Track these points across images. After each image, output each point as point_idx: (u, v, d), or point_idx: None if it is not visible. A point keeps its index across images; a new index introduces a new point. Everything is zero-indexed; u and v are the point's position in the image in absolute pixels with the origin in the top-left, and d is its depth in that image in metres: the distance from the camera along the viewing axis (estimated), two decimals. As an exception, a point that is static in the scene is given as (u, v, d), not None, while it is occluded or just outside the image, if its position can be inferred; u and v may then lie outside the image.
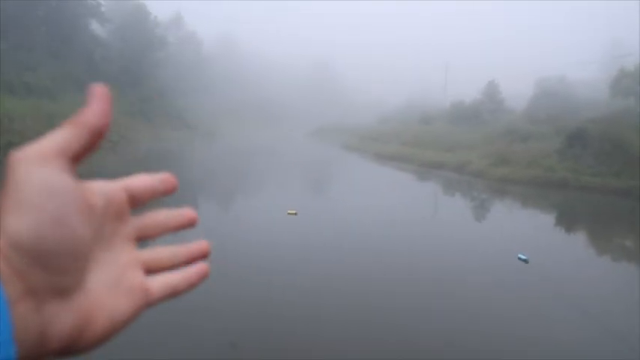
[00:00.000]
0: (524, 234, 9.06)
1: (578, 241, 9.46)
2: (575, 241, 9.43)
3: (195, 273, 0.37)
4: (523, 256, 6.84)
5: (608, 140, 15.75)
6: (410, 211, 10.85)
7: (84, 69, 32.56)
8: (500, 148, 19.07)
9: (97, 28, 37.48)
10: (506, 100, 38.27)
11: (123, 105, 29.40)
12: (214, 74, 59.41)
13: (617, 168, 14.69)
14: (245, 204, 11.37)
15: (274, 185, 14.47)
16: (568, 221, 11.35)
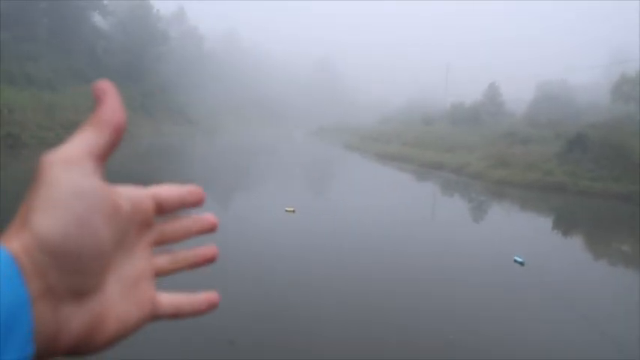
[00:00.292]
0: (522, 236, 9.05)
1: (576, 245, 9.45)
2: (574, 245, 9.43)
3: (205, 301, 0.36)
4: (519, 259, 6.77)
5: (608, 145, 15.73)
6: (409, 212, 10.86)
7: (85, 61, 32.51)
8: (500, 150, 19.03)
9: (99, 20, 37.42)
10: (507, 103, 38.31)
11: (124, 99, 27.53)
12: (216, 71, 59.32)
13: (618, 173, 14.67)
14: (245, 201, 11.36)
15: (274, 183, 14.46)
16: (567, 225, 11.34)
